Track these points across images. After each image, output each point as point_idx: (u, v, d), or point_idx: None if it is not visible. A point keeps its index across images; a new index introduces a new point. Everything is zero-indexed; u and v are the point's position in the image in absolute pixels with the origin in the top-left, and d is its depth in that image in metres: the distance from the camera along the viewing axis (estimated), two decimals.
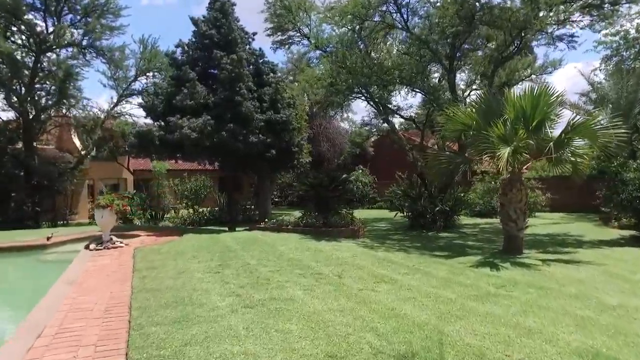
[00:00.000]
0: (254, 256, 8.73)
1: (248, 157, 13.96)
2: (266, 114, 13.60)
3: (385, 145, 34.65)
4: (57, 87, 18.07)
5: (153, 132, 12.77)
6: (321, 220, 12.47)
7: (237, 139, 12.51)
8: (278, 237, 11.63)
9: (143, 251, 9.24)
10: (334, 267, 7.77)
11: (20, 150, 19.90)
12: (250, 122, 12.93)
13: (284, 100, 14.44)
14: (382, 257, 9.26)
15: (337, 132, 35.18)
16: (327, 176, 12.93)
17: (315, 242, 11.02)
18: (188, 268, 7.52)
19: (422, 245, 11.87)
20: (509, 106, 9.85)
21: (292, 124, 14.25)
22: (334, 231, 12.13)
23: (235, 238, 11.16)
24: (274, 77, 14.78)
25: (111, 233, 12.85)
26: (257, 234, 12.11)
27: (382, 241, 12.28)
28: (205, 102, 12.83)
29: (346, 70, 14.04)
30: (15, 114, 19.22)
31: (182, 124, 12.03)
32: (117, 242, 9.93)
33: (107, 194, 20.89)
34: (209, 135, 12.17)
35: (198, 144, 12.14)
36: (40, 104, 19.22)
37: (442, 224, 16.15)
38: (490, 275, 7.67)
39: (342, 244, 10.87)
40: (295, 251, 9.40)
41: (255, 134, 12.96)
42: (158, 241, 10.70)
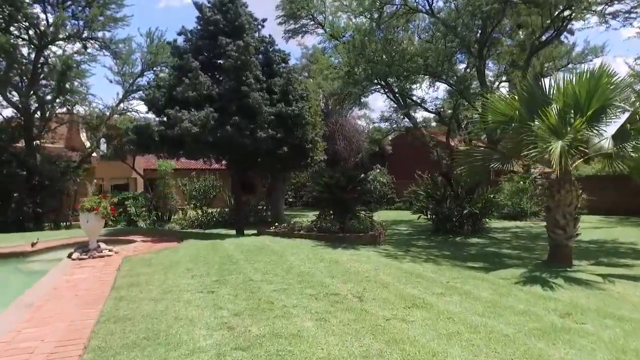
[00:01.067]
0: (259, 269, 7.43)
1: (256, 154, 12.69)
2: (276, 107, 12.30)
3: (404, 143, 33.10)
4: (56, 81, 17.07)
5: (152, 128, 11.58)
6: (337, 224, 11.13)
7: (244, 134, 11.24)
8: (289, 244, 10.33)
9: (132, 261, 8.03)
10: (353, 285, 6.42)
11: (22, 148, 19.08)
12: (258, 115, 11.65)
13: (296, 92, 13.13)
14: (409, 269, 7.88)
15: (353, 130, 33.79)
16: (344, 175, 11.58)
17: (330, 250, 9.68)
18: (177, 285, 6.25)
19: (451, 253, 10.46)
20: (558, 93, 8.39)
21: (305, 118, 12.93)
22: (351, 237, 10.78)
23: (240, 245, 9.89)
24: (285, 67, 13.46)
25: (105, 237, 11.76)
26: (266, 240, 10.83)
27: (406, 249, 10.89)
28: (209, 93, 11.60)
29: (365, 59, 12.68)
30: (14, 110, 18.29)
31: (182, 117, 10.82)
32: (105, 250, 8.75)
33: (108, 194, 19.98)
34: (212, 130, 10.93)
35: (200, 140, 10.91)
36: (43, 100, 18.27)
37: (470, 228, 14.71)
38: (546, 297, 6.23)
39: (361, 253, 9.52)
40: (308, 262, 8.07)
41: (264, 128, 11.68)
42: (153, 248, 9.50)
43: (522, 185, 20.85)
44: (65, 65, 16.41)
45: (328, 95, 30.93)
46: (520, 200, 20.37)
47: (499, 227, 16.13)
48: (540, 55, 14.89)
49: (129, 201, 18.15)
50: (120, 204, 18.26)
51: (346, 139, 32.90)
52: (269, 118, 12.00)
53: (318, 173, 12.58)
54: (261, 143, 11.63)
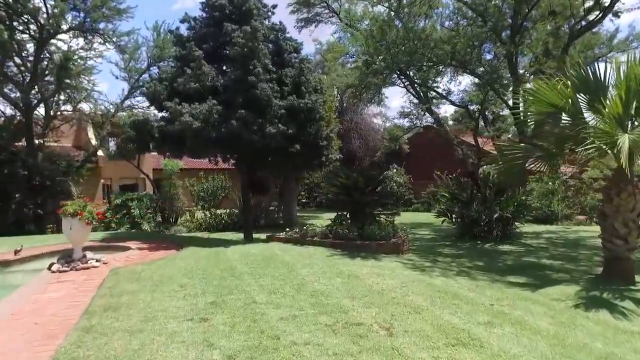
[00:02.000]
0: (265, 286, 6.27)
1: (266, 152, 11.56)
2: (287, 100, 11.14)
3: (422, 142, 31.71)
4: (55, 75, 16.17)
5: (151, 123, 10.53)
6: (355, 230, 9.93)
7: (251, 130, 10.11)
8: (301, 253, 9.16)
9: (119, 275, 6.94)
10: (379, 310, 5.23)
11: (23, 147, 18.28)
12: (267, 108, 10.51)
13: (309, 83, 11.96)
14: (443, 287, 6.65)
15: (369, 128, 32.52)
16: (362, 175, 10.39)
17: (348, 260, 8.49)
18: (164, 309, 5.13)
19: (485, 264, 9.20)
20: (620, 77, 7.09)
21: (319, 112, 11.76)
22: (371, 245, 9.57)
23: (246, 255, 8.75)
24: (297, 57, 12.29)
25: (100, 243, 10.75)
26: (275, 248, 9.68)
27: (432, 258, 9.65)
28: (213, 85, 10.50)
29: (385, 46, 11.46)
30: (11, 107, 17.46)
31: (182, 111, 9.73)
32: (92, 260, 7.68)
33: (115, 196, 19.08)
34: (215, 125, 9.82)
35: (202, 136, 9.81)
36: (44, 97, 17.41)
37: (500, 233, 13.38)
38: (623, 330, 4.98)
39: (383, 264, 8.31)
40: (322, 278, 6.89)
41: (273, 123, 10.54)
42: (148, 257, 8.42)
43: (551, 186, 19.42)
44: (64, 58, 15.48)
45: (343, 92, 29.83)
46: (550, 202, 18.95)
47: (529, 232, 14.76)
48: (577, 43, 13.46)
49: (132, 202, 17.19)
50: (123, 206, 17.33)
51: (361, 138, 31.65)
52: (279, 112, 10.86)
53: (333, 173, 11.39)
54: (271, 139, 10.49)
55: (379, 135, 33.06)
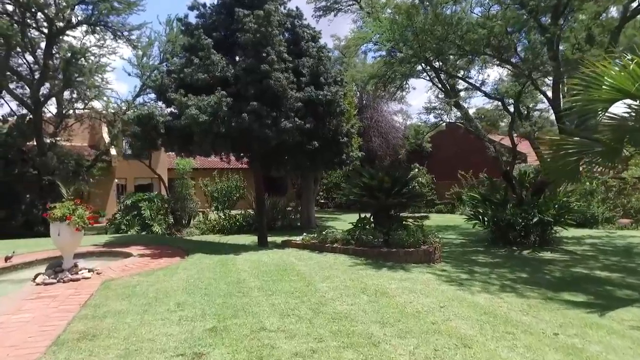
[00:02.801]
0: (277, 306, 5.26)
1: (281, 149, 10.57)
2: (305, 92, 10.12)
3: (445, 140, 30.37)
4: (62, 70, 15.51)
5: (156, 118, 9.63)
6: (380, 236, 8.85)
7: (265, 124, 9.12)
8: (319, 262, 8.13)
9: (110, 289, 6.02)
10: (417, 342, 4.16)
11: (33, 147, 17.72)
12: (282, 100, 9.51)
13: (328, 74, 10.92)
14: (489, 308, 5.53)
15: (390, 126, 31.32)
16: (388, 175, 9.29)
17: (373, 272, 7.43)
18: (152, 339, 4.15)
19: (530, 276, 8.01)
20: None
21: (340, 105, 10.70)
22: (398, 253, 8.47)
23: (258, 264, 7.75)
24: (314, 46, 11.24)
25: (100, 249, 9.91)
26: (291, 256, 8.67)
27: (468, 268, 8.50)
28: (223, 75, 9.55)
29: (411, 32, 10.33)
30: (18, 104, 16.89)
31: (188, 103, 8.81)
32: (83, 270, 6.79)
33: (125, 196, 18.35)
34: (225, 119, 8.85)
35: (211, 131, 8.86)
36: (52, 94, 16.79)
37: (538, 238, 12.13)
38: None
39: (414, 277, 7.21)
40: (345, 294, 5.84)
41: (289, 117, 9.53)
42: (148, 266, 7.50)
43: (589, 186, 17.95)
44: (71, 52, 14.77)
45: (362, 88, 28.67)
46: (589, 204, 17.49)
47: (569, 237, 13.41)
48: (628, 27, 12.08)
49: (143, 203, 16.41)
50: (134, 207, 16.58)
51: (382, 136, 30.47)
52: (296, 105, 9.84)
53: (356, 172, 10.32)
54: (286, 135, 9.48)
55: (400, 133, 31.81)
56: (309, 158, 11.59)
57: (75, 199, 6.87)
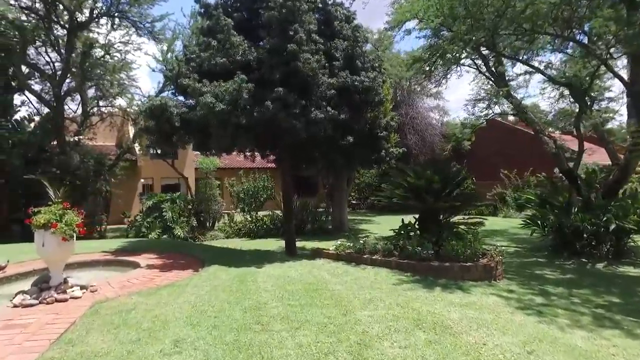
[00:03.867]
0: (305, 348, 3.90)
1: (311, 144, 9.24)
2: (339, 77, 8.73)
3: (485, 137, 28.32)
4: (79, 63, 14.71)
5: (170, 109, 8.47)
6: (430, 247, 7.37)
7: (292, 114, 7.80)
8: (357, 278, 6.73)
9: (99, 315, 4.81)
10: None
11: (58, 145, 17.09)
12: (312, 87, 8.18)
13: (365, 57, 9.51)
14: (594, 355, 4.01)
15: (426, 122, 29.57)
16: (438, 174, 7.80)
17: (424, 293, 5.97)
18: None
19: (624, 301, 6.33)
20: None
21: (378, 93, 9.27)
22: (453, 269, 6.97)
23: (283, 281, 6.41)
24: (349, 27, 9.83)
25: (108, 257, 8.82)
26: (323, 270, 7.30)
27: (540, 288, 6.89)
28: (245, 59, 8.29)
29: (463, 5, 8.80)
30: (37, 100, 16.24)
31: (202, 89, 7.61)
32: (75, 287, 5.64)
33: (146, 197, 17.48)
34: (246, 108, 7.58)
35: (229, 122, 7.61)
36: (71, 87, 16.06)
37: (612, 249, 10.32)
38: None
39: (476, 301, 5.71)
40: (394, 330, 4.42)
41: (320, 107, 8.19)
42: (153, 282, 6.29)
43: None
44: (87, 44, 13.92)
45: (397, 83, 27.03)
46: None
47: None
48: None
49: (165, 204, 15.43)
50: (155, 208, 15.64)
51: (417, 133, 28.77)
52: (328, 92, 8.47)
53: (399, 171, 8.87)
54: (317, 127, 8.13)
55: (437, 130, 30.02)
56: (343, 155, 10.20)
57: (64, 202, 5.71)
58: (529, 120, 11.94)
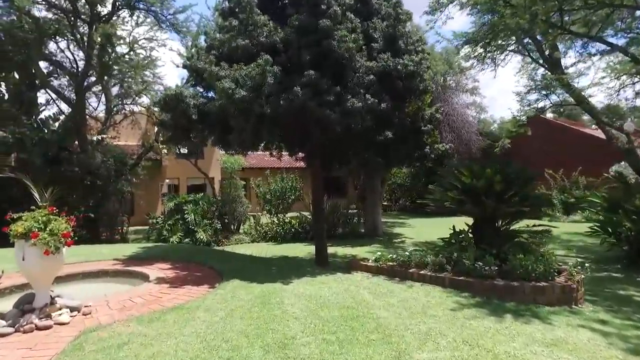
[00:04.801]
0: None
1: (345, 140, 8.04)
2: (378, 61, 7.51)
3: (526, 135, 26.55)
4: (97, 57, 13.99)
5: (186, 99, 7.46)
6: (493, 263, 6.06)
7: (325, 102, 6.65)
8: (405, 300, 5.48)
9: (82, 350, 3.77)
10: None
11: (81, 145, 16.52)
12: (347, 71, 7.01)
13: (408, 37, 8.26)
14: None
15: (462, 120, 27.87)
16: (499, 173, 6.48)
17: (494, 324, 4.68)
18: None
19: None
20: None
21: (424, 79, 8.01)
22: (523, 290, 5.64)
23: (315, 306, 5.22)
24: (389, 4, 8.58)
25: (117, 266, 7.90)
26: (362, 288, 6.08)
27: (636, 317, 5.49)
28: (270, 40, 7.18)
29: None
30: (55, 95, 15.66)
31: (219, 73, 6.56)
32: (63, 310, 4.64)
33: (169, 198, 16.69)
34: (271, 96, 6.47)
35: (251, 112, 6.51)
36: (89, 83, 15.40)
37: None
38: None
39: (564, 337, 4.38)
40: None
41: (357, 94, 6.98)
42: (158, 302, 5.23)
43: None
44: (104, 35, 13.16)
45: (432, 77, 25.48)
46: None
47: None
48: None
49: (187, 206, 14.55)
50: (177, 210, 14.78)
51: (453, 131, 27.14)
52: (366, 78, 7.27)
53: (451, 170, 7.57)
54: (354, 119, 6.93)
55: (474, 128, 28.31)
56: (381, 152, 8.97)
57: (50, 207, 4.72)
58: (592, 112, 10.38)
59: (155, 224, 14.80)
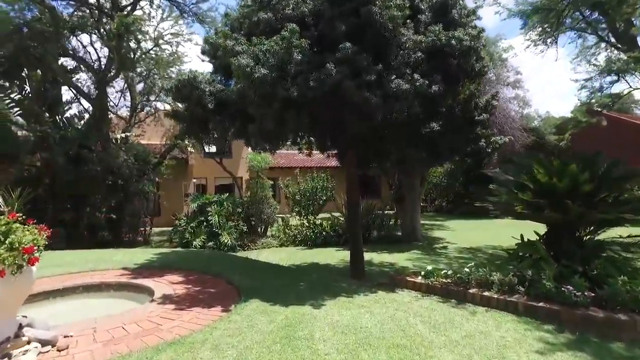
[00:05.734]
0: None
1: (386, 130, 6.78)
2: (427, 35, 6.21)
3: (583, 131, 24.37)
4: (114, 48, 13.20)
5: (200, 85, 6.40)
6: (585, 286, 4.69)
7: (365, 82, 5.43)
8: (470, 336, 4.16)
9: None
10: None
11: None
12: (391, 47, 5.80)
13: (462, 8, 6.94)
14: None
15: (505, 115, 26.00)
16: (585, 169, 5.10)
17: None
18: None
19: None
20: None
21: (480, 58, 6.68)
22: (632, 325, 4.26)
23: (354, 340, 3.97)
24: None
25: (131, 273, 6.91)
26: (411, 314, 4.80)
27: None
28: (298, 12, 6.02)
29: None
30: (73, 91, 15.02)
31: (235, 48, 5.46)
32: (32, 345, 3.61)
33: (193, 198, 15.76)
34: (298, 75, 5.31)
35: (274, 96, 5.36)
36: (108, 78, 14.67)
37: None
38: None
39: None
40: None
41: (403, 74, 5.72)
42: (155, 334, 4.13)
43: None
44: (123, 25, 12.32)
45: None
46: None
47: None
48: None
49: (211, 207, 13.61)
50: (201, 211, 13.87)
51: (495, 127, 25.31)
52: (413, 55, 6.00)
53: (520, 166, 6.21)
54: (400, 104, 5.68)
55: (517, 123, 26.41)
56: (426, 145, 7.66)
57: (10, 214, 3.67)
58: None
59: (178, 226, 13.94)
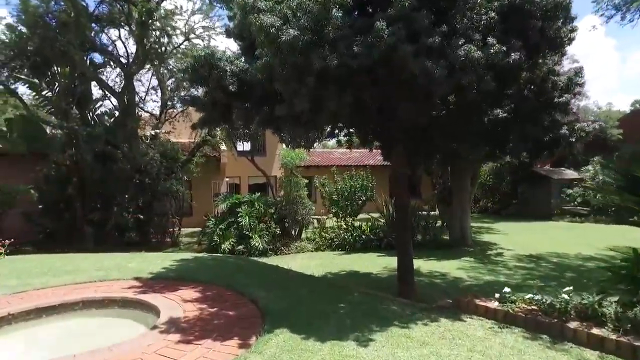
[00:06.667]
0: None
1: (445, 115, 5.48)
2: None
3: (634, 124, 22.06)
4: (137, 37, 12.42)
5: (220, 63, 5.32)
6: None
7: (426, 47, 4.14)
8: None
9: None
10: None
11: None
12: (457, 4, 4.46)
13: None
14: None
15: None
16: None
17: None
18: None
19: None
20: None
21: (569, 21, 5.26)
22: None
23: None
24: None
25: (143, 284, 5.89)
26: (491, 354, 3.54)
27: None
28: None
29: None
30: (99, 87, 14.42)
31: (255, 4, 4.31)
32: None
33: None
34: (338, 40, 4.10)
35: (307, 66, 4.19)
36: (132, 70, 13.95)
37: None
38: None
39: None
40: None
41: (472, 39, 4.40)
42: None
43: None
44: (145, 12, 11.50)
45: None
46: None
47: None
48: None
49: (242, 208, 12.62)
50: (231, 212, 12.92)
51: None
52: (484, 17, 4.68)
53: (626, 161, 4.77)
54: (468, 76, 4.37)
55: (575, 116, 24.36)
56: (491, 136, 6.28)
57: None
58: None
59: (207, 227, 13.06)
